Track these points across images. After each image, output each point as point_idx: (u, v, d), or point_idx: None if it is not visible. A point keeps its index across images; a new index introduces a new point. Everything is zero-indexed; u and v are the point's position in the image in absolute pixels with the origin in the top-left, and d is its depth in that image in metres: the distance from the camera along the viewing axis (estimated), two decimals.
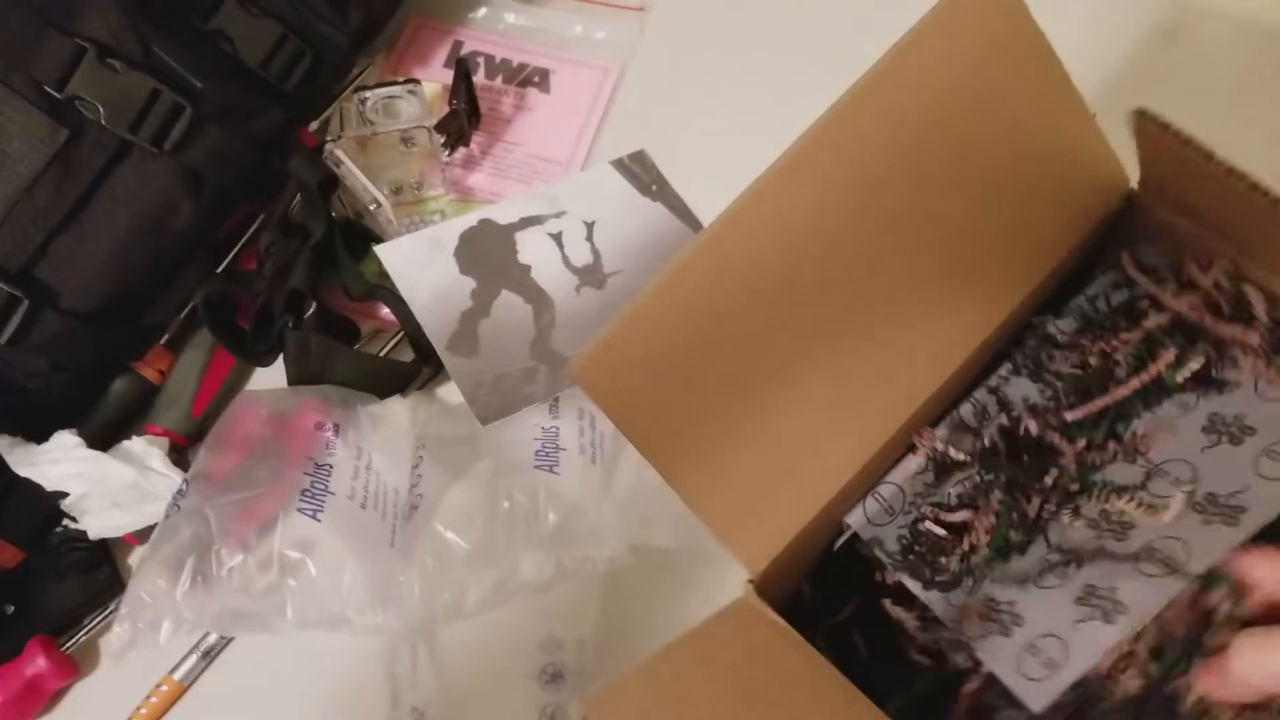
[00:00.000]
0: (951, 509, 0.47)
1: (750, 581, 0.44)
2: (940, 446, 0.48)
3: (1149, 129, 0.41)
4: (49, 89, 0.55)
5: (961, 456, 0.47)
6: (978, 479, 0.47)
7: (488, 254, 0.62)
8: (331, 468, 0.56)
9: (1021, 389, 0.49)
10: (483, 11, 0.74)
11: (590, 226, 0.64)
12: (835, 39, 0.62)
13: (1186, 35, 0.63)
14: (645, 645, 0.49)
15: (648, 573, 0.55)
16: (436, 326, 0.60)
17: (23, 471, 0.58)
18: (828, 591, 0.50)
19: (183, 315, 0.64)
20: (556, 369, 0.59)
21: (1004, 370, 0.49)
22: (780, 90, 0.61)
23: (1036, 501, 0.46)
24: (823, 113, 0.39)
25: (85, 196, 0.57)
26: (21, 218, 0.55)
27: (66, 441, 0.58)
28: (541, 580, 0.54)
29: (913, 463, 0.49)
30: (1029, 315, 0.50)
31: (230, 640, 0.59)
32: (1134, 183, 0.48)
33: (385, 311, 0.64)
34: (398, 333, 0.64)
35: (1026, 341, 0.50)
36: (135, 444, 0.59)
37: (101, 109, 0.56)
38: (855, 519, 0.48)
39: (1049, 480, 0.46)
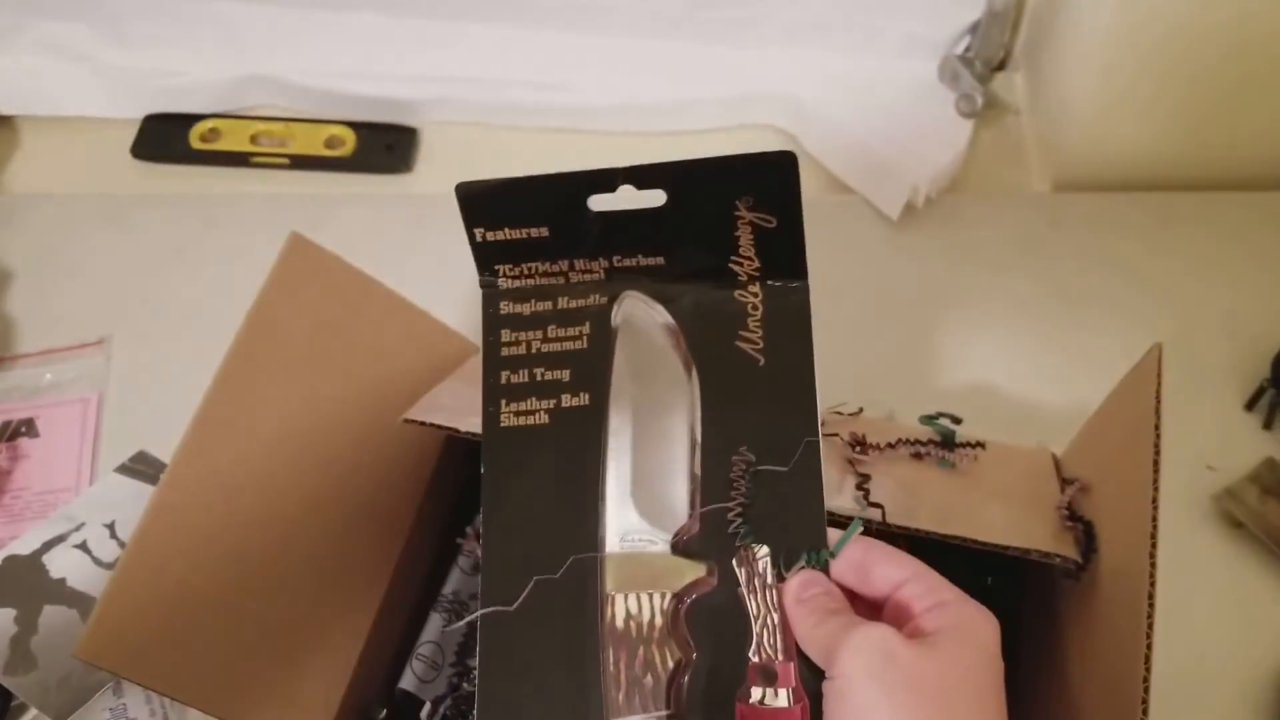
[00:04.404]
0: None
1: None
2: (451, 597, 0.60)
3: None
4: None
5: None
6: None
7: (20, 583, 0.68)
8: None
9: None
10: None
11: (111, 526, 0.72)
12: None
13: None
14: None
15: None
16: None
17: None
18: None
19: None
20: None
21: None
22: None
23: None
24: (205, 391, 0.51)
25: None
26: None
27: None
28: None
29: (438, 620, 0.60)
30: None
31: None
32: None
33: None
34: None
35: None
36: None
37: None
38: (408, 682, 0.59)
39: None
